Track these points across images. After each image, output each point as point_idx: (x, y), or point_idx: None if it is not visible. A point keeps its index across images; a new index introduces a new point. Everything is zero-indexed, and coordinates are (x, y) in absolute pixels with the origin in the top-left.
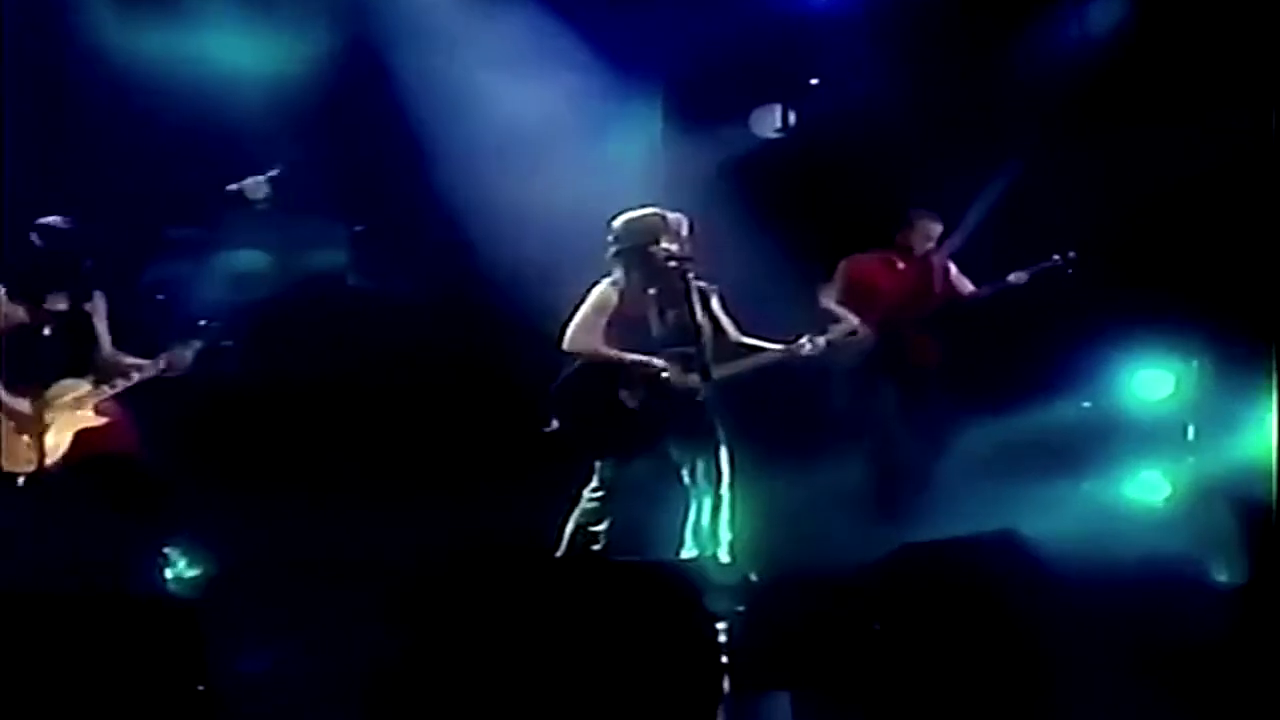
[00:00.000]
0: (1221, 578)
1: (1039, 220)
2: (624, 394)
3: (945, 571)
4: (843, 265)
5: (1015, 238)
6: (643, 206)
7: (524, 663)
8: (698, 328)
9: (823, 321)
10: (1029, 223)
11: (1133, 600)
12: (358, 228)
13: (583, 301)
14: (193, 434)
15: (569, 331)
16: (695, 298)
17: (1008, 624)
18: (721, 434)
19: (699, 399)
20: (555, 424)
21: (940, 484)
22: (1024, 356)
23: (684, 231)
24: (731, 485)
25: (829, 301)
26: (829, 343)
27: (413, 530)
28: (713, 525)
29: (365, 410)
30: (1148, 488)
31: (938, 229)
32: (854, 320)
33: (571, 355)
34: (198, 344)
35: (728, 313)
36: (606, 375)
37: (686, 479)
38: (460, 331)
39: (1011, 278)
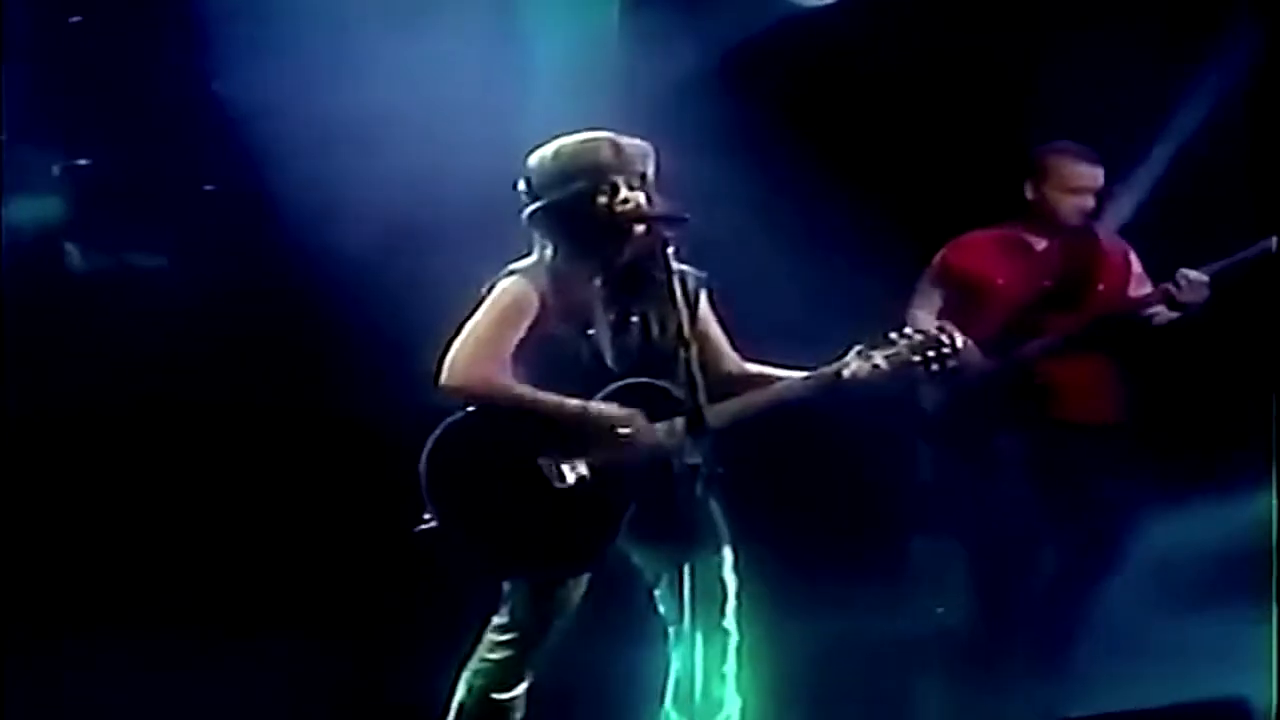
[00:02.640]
0: None
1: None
2: (549, 463)
3: None
4: (943, 255)
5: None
6: (584, 131)
7: None
8: (684, 342)
9: None
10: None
11: None
12: (81, 162)
13: (479, 305)
14: None
15: (453, 354)
16: (679, 290)
17: None
18: (724, 530)
19: (686, 468)
20: (430, 517)
21: (1105, 619)
22: (1249, 406)
23: (649, 169)
24: (740, 615)
25: (923, 314)
26: (889, 362)
27: (197, 691)
28: (711, 684)
29: (100, 489)
30: None
31: (1096, 177)
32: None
33: (459, 396)
34: None
35: (721, 324)
36: (519, 431)
37: (662, 606)
38: (270, 351)
39: (1235, 259)
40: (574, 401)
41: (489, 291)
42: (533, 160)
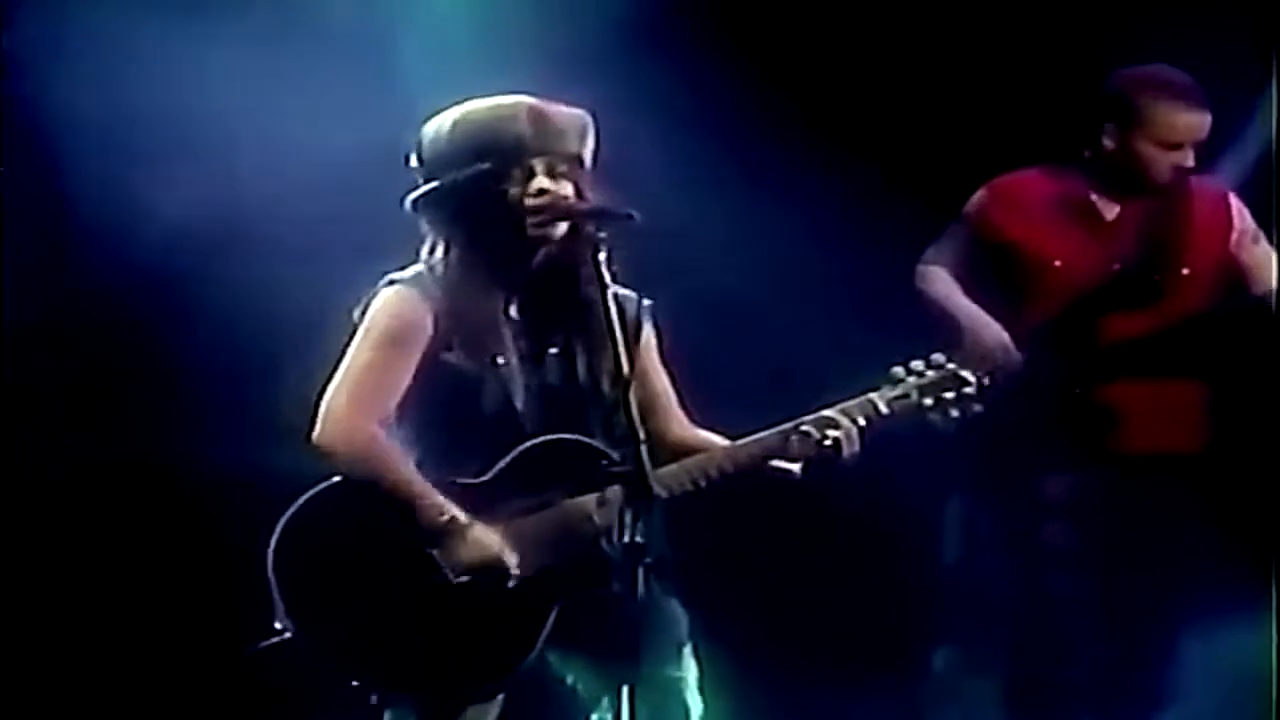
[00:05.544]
0: None
1: None
2: (441, 554)
3: None
4: (984, 200)
5: None
6: (494, 95)
7: None
8: (625, 382)
9: (945, 335)
10: None
11: None
12: None
13: (354, 333)
14: None
15: (327, 400)
16: (615, 314)
17: None
18: (683, 634)
19: (626, 551)
20: (283, 626)
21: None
22: None
23: (585, 149)
24: None
25: (943, 288)
26: (894, 407)
27: None
28: None
29: None
30: None
31: (1203, 124)
32: (991, 333)
33: (335, 461)
34: None
35: (669, 371)
36: (397, 510)
37: None
38: (64, 391)
39: None
40: (452, 510)
41: (364, 312)
42: (429, 129)
